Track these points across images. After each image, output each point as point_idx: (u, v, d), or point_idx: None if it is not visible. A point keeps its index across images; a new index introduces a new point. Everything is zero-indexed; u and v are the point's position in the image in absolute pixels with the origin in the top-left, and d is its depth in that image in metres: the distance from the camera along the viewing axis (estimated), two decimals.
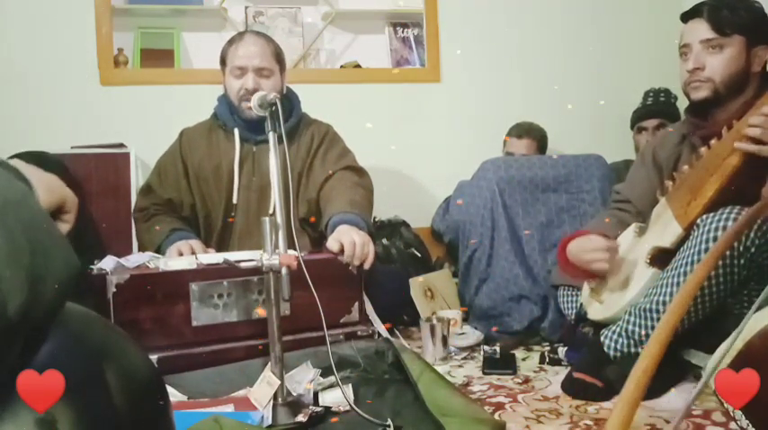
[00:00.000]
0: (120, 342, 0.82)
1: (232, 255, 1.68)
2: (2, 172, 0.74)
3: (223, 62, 2.17)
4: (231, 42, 2.16)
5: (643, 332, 1.57)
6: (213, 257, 1.75)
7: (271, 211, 1.98)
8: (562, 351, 1.88)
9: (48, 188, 1.46)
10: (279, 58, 2.17)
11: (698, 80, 1.71)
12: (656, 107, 2.74)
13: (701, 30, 1.70)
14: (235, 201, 2.14)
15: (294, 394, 1.43)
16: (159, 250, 2.01)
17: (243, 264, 1.53)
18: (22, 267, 0.67)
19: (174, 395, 1.45)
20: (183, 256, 1.88)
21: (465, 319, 2.28)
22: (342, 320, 1.74)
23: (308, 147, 2.20)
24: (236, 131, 2.15)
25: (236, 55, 2.12)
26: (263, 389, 1.40)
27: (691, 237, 1.54)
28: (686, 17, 1.76)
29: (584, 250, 1.75)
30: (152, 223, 2.13)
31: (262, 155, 2.13)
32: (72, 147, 2.46)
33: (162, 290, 1.59)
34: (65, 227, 1.48)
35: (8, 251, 0.66)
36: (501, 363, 1.84)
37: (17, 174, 0.77)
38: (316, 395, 1.46)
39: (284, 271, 1.37)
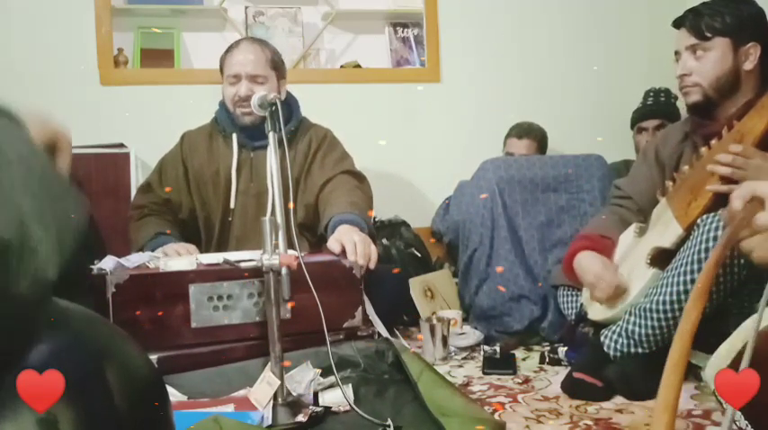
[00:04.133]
0: (121, 342, 0.81)
1: (232, 255, 1.68)
2: (6, 123, 0.71)
3: (221, 70, 2.18)
4: (228, 50, 2.17)
5: (643, 332, 1.57)
6: (213, 257, 1.75)
7: (269, 216, 1.98)
8: (562, 351, 1.88)
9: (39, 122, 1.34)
10: (275, 65, 2.15)
11: (686, 86, 1.74)
12: (657, 107, 2.74)
13: (685, 36, 1.73)
14: (232, 206, 2.14)
15: (294, 394, 1.43)
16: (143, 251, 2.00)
17: (243, 264, 1.53)
18: (52, 225, 0.65)
19: (174, 395, 1.44)
20: (183, 256, 1.88)
21: (465, 319, 2.28)
22: (345, 325, 1.73)
23: (306, 151, 2.19)
24: (234, 137, 2.15)
25: (231, 62, 2.12)
26: (263, 389, 1.40)
27: (691, 237, 1.55)
28: (676, 24, 1.78)
29: (589, 272, 1.77)
30: (143, 223, 2.13)
31: (259, 161, 2.13)
32: (72, 147, 2.45)
33: (162, 290, 1.59)
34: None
35: (38, 211, 0.64)
36: (501, 363, 1.84)
37: (18, 119, 0.73)
38: (316, 395, 1.46)
39: (284, 271, 1.37)
